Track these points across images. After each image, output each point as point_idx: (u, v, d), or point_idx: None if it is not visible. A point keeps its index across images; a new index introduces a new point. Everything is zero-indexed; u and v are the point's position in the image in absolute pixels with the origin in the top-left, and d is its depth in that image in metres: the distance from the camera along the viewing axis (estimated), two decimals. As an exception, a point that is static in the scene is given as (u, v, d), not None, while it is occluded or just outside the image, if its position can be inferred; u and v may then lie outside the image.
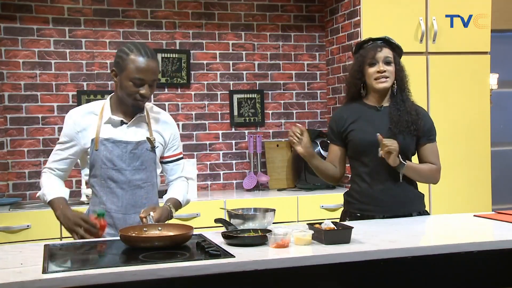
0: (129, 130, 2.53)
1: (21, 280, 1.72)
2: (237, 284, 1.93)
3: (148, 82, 2.42)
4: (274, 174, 4.56)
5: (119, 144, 2.50)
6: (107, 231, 2.48)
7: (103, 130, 2.50)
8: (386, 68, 2.68)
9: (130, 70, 2.40)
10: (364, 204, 2.73)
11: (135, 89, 2.42)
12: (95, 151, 2.48)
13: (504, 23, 5.08)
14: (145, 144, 2.53)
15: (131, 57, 2.41)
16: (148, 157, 2.54)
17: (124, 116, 2.53)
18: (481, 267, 2.20)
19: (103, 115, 2.52)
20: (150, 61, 2.42)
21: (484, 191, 4.29)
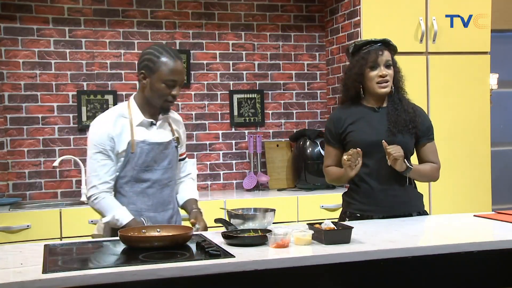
0: (158, 131, 2.59)
1: (21, 280, 1.72)
2: (237, 284, 1.93)
3: (180, 83, 2.51)
4: (274, 174, 4.56)
5: (154, 145, 2.55)
6: None
7: (137, 132, 2.54)
8: (387, 72, 2.68)
9: (163, 72, 2.46)
10: (364, 204, 2.72)
11: (168, 91, 2.48)
12: (131, 154, 2.51)
13: (504, 23, 5.08)
14: (172, 143, 2.62)
15: (163, 60, 2.47)
16: (173, 156, 2.63)
17: (152, 117, 2.58)
18: (481, 267, 2.20)
19: (133, 117, 2.55)
20: (180, 62, 2.51)
21: (484, 191, 4.28)
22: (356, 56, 2.74)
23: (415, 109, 2.74)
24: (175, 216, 2.67)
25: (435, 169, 2.76)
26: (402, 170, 2.61)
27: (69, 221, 3.64)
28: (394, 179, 2.68)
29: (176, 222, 2.66)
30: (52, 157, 4.17)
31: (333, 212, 4.08)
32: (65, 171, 4.20)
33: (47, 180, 4.17)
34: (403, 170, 2.62)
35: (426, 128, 2.75)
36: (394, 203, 2.69)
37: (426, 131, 2.74)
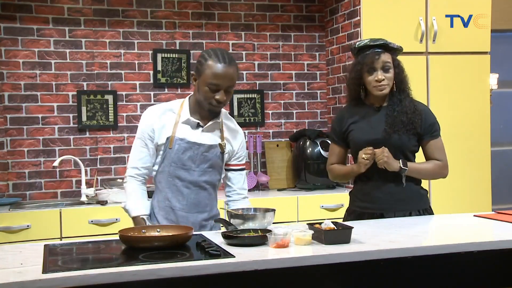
0: (204, 134, 2.57)
1: (21, 280, 1.72)
2: (237, 284, 1.93)
3: (224, 88, 2.45)
4: (274, 174, 4.56)
5: (193, 145, 2.54)
6: None
7: (180, 129, 2.54)
8: (385, 76, 2.70)
9: (207, 75, 2.45)
10: (362, 201, 2.79)
11: (211, 94, 2.46)
12: (169, 149, 2.52)
13: (504, 23, 5.08)
14: (216, 148, 2.58)
15: (209, 63, 2.46)
16: (216, 162, 2.59)
17: (201, 119, 2.57)
18: (481, 267, 2.20)
19: (181, 114, 2.56)
20: (227, 67, 2.45)
21: (484, 191, 4.28)
22: (356, 59, 2.79)
23: (416, 109, 2.74)
24: (211, 220, 2.63)
25: (440, 166, 2.78)
26: (396, 171, 2.65)
27: (69, 221, 3.63)
28: (392, 177, 2.71)
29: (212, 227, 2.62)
30: (52, 157, 4.17)
31: (333, 212, 4.08)
32: (65, 171, 4.20)
33: (47, 180, 4.17)
34: (397, 170, 2.65)
35: (429, 125, 2.75)
36: (391, 201, 2.73)
37: (429, 129, 2.75)
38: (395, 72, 2.74)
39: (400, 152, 2.69)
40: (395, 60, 2.76)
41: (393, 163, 2.64)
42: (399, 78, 2.76)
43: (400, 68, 2.77)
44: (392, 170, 2.65)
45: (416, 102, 2.80)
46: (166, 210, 2.56)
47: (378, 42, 2.73)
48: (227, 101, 2.52)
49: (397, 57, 2.79)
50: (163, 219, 2.56)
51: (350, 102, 2.87)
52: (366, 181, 2.77)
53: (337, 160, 2.88)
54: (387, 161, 2.62)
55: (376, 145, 2.67)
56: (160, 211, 2.57)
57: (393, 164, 2.64)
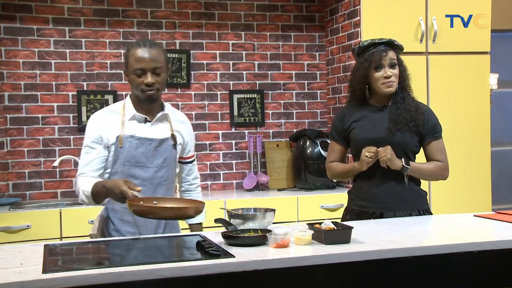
0: (153, 128, 2.55)
1: (21, 280, 1.72)
2: (237, 284, 1.93)
3: (149, 70, 2.44)
4: (274, 174, 4.56)
5: (144, 141, 2.51)
6: (127, 229, 2.50)
7: (127, 127, 2.51)
8: (392, 72, 2.72)
9: (131, 63, 2.46)
10: (362, 200, 2.80)
11: (139, 80, 2.45)
12: (120, 148, 2.49)
13: (504, 23, 5.08)
14: (168, 141, 2.56)
15: (131, 52, 2.47)
16: (170, 155, 2.57)
17: (147, 114, 2.55)
18: (481, 267, 2.20)
19: (126, 112, 2.53)
20: (148, 49, 2.45)
21: (484, 191, 4.28)
22: (361, 58, 2.79)
23: (418, 108, 2.76)
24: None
25: (440, 168, 2.78)
26: (399, 169, 2.65)
27: (69, 221, 3.64)
28: (392, 176, 2.72)
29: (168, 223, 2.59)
30: (52, 157, 4.17)
31: (333, 212, 4.08)
32: (65, 171, 4.20)
33: (47, 180, 4.17)
34: (400, 169, 2.65)
35: (431, 126, 2.76)
36: (391, 200, 2.73)
37: (430, 130, 2.76)
38: (399, 70, 2.75)
39: (402, 151, 2.70)
40: (399, 58, 2.78)
41: (396, 161, 2.64)
42: (403, 76, 2.77)
43: (404, 67, 2.79)
44: (395, 168, 2.65)
45: (418, 102, 2.81)
46: (121, 212, 2.50)
47: (384, 40, 2.75)
48: (160, 85, 2.49)
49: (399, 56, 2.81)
50: (120, 222, 2.51)
51: (352, 102, 2.86)
52: (367, 180, 2.77)
53: (337, 158, 2.88)
54: (390, 159, 2.62)
55: (379, 144, 2.68)
56: (115, 214, 2.52)
57: (396, 162, 2.64)
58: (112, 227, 2.52)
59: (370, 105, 2.80)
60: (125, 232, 2.49)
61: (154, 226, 2.53)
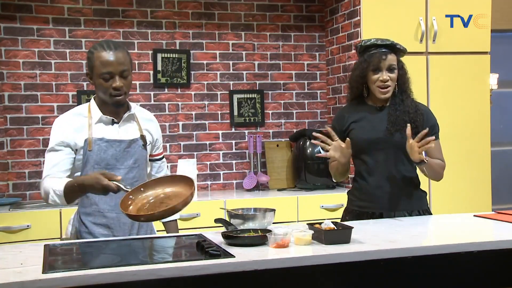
0: (120, 129, 2.52)
1: (21, 280, 1.72)
2: (237, 284, 1.93)
3: (117, 73, 2.40)
4: (274, 174, 4.56)
5: (113, 143, 2.48)
6: (100, 231, 2.47)
7: (95, 130, 2.48)
8: (389, 76, 2.72)
9: (97, 67, 2.40)
10: (362, 200, 2.80)
11: (107, 84, 2.40)
12: (89, 151, 2.45)
13: (504, 23, 5.08)
14: (138, 141, 2.53)
15: (96, 55, 2.41)
16: (140, 155, 2.54)
17: (114, 116, 2.51)
18: (481, 267, 2.20)
19: (92, 115, 2.50)
20: (114, 53, 2.40)
21: (484, 191, 4.28)
22: (361, 57, 2.79)
23: (418, 109, 2.76)
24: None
25: (442, 167, 2.79)
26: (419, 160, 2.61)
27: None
28: (392, 177, 2.72)
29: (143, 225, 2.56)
30: (52, 157, 4.16)
31: (333, 212, 4.08)
32: (65, 171, 4.20)
33: (47, 180, 4.17)
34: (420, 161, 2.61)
35: (429, 126, 2.73)
36: (391, 200, 2.73)
37: (430, 129, 2.72)
38: (398, 74, 2.75)
39: (401, 152, 2.69)
40: (400, 62, 2.77)
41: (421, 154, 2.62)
42: (402, 80, 2.77)
43: (404, 70, 2.78)
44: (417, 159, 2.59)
45: (417, 103, 2.81)
46: (94, 215, 2.48)
47: (386, 43, 2.74)
48: (128, 87, 2.45)
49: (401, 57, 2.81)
50: (92, 225, 2.48)
51: (351, 101, 2.88)
52: (366, 180, 2.77)
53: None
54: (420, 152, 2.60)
55: (378, 144, 2.69)
56: (88, 217, 2.49)
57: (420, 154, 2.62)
58: (85, 230, 2.49)
59: (369, 106, 2.81)
60: (98, 235, 2.46)
61: (128, 228, 2.50)
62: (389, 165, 2.72)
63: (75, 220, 2.56)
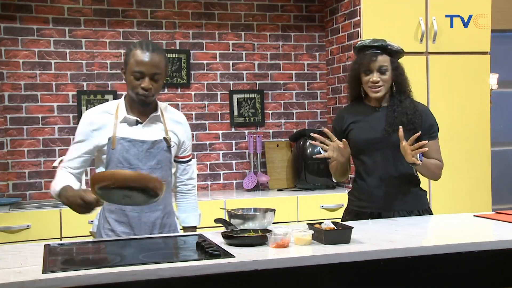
0: (144, 129, 2.53)
1: (21, 280, 1.72)
2: (237, 284, 1.93)
3: (148, 75, 2.42)
4: (274, 174, 4.56)
5: (136, 143, 2.49)
6: (122, 229, 2.49)
7: (120, 129, 2.50)
8: (380, 78, 2.71)
9: (131, 64, 2.43)
10: (361, 200, 2.81)
11: (136, 83, 2.42)
12: (112, 150, 2.47)
13: (504, 23, 5.08)
14: (161, 143, 2.53)
15: (133, 52, 2.44)
16: (164, 157, 2.54)
17: (139, 116, 2.53)
18: (481, 267, 2.20)
19: (119, 114, 2.52)
20: (151, 54, 2.42)
21: (484, 191, 4.28)
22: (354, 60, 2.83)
23: (416, 110, 2.75)
24: (165, 217, 2.58)
25: (439, 167, 2.77)
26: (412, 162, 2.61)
27: (69, 221, 3.63)
28: (391, 177, 2.73)
29: (166, 225, 2.58)
30: (52, 157, 4.17)
31: (333, 212, 4.08)
32: (65, 171, 4.20)
33: (47, 180, 4.17)
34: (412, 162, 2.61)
35: (428, 126, 2.76)
36: (390, 200, 2.74)
37: (428, 129, 2.76)
38: (393, 74, 2.74)
39: (399, 152, 2.69)
40: (394, 62, 2.75)
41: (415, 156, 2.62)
42: (398, 80, 2.76)
43: (399, 70, 2.76)
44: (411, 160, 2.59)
45: (416, 103, 2.80)
46: (117, 213, 2.50)
47: (377, 43, 2.74)
48: (156, 91, 2.47)
49: (398, 59, 2.79)
50: (115, 222, 2.50)
51: (351, 102, 2.90)
52: (366, 181, 2.78)
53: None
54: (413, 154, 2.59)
55: (376, 144, 2.70)
56: (111, 214, 2.52)
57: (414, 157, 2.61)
58: (108, 227, 2.51)
59: (367, 106, 2.81)
60: (120, 233, 2.49)
61: (149, 227, 2.52)
62: (388, 165, 2.73)
63: (101, 216, 2.58)
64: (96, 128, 2.50)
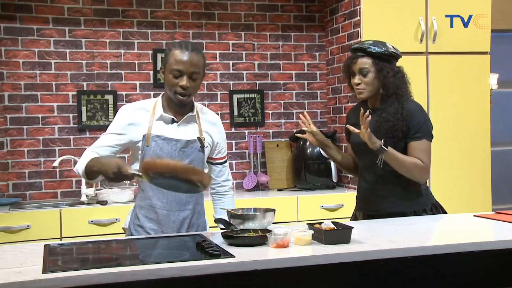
0: (179, 129, 2.55)
1: (21, 280, 1.72)
2: (237, 284, 1.93)
3: (187, 73, 2.45)
4: (274, 174, 4.56)
5: (170, 141, 2.51)
6: (151, 226, 2.51)
7: (155, 126, 2.53)
8: (362, 80, 2.71)
9: (170, 63, 2.46)
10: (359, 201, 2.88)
11: (175, 81, 2.45)
12: (146, 147, 2.50)
13: (504, 23, 5.08)
14: (195, 143, 2.55)
15: (172, 51, 2.48)
16: (197, 156, 2.56)
17: (175, 115, 2.55)
18: (481, 267, 2.20)
19: (155, 112, 2.54)
20: (190, 53, 2.46)
21: (484, 191, 4.28)
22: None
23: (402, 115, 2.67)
24: (194, 217, 2.59)
25: (418, 166, 2.66)
26: (375, 147, 2.60)
27: (69, 221, 3.64)
28: (385, 180, 2.72)
29: (194, 225, 2.59)
30: (52, 157, 4.17)
31: (333, 212, 4.09)
32: (65, 171, 4.20)
33: (47, 180, 4.17)
34: (376, 149, 2.60)
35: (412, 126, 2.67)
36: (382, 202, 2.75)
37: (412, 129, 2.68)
38: (378, 77, 2.69)
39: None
40: (377, 64, 2.69)
41: (375, 139, 2.60)
42: (383, 83, 2.70)
43: (384, 73, 2.69)
44: (372, 146, 2.59)
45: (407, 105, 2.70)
46: (147, 209, 2.54)
47: (356, 46, 2.74)
48: (193, 91, 2.49)
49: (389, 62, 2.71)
50: (144, 218, 2.53)
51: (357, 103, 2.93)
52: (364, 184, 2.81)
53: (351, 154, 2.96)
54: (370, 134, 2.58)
55: (366, 147, 2.64)
56: (141, 210, 2.55)
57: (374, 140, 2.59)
58: (137, 222, 2.55)
59: (366, 107, 2.77)
60: (148, 229, 2.52)
61: (177, 226, 2.54)
62: (378, 168, 2.69)
63: (132, 212, 2.61)
64: (132, 123, 2.52)
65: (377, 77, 2.70)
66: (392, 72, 2.71)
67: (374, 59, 2.70)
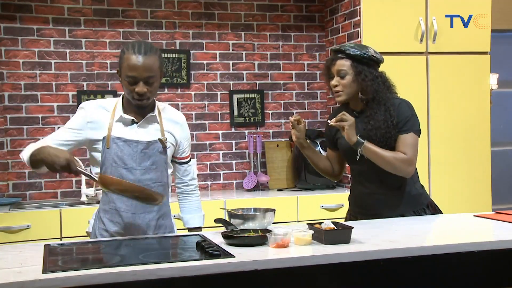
0: (140, 130, 2.50)
1: (21, 280, 1.72)
2: (237, 284, 1.93)
3: (141, 79, 2.36)
4: (274, 174, 4.56)
5: (130, 143, 2.46)
6: (116, 230, 2.48)
7: (115, 128, 2.47)
8: (340, 82, 2.67)
9: (124, 68, 2.39)
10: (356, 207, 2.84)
11: (131, 87, 2.38)
12: (107, 149, 2.45)
13: (504, 23, 5.08)
14: (156, 144, 2.49)
15: (125, 55, 2.39)
16: (159, 158, 2.50)
17: (136, 116, 2.50)
18: (481, 267, 2.20)
19: (115, 113, 2.49)
20: (143, 57, 2.36)
21: (484, 191, 4.29)
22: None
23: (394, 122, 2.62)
24: (160, 219, 2.55)
25: (401, 159, 2.58)
26: (352, 141, 2.57)
27: (69, 221, 3.64)
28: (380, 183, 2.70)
29: (161, 226, 2.55)
30: (52, 157, 4.16)
31: (333, 212, 4.09)
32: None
33: (47, 180, 4.17)
34: (353, 143, 2.57)
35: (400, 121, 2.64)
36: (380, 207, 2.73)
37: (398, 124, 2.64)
38: (356, 80, 2.65)
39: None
40: (356, 67, 2.65)
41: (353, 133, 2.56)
42: (361, 86, 2.66)
43: (362, 76, 2.64)
44: (348, 140, 2.56)
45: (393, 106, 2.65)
46: (111, 213, 2.48)
47: (337, 48, 2.72)
48: (151, 94, 2.42)
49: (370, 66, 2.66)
50: (109, 222, 2.49)
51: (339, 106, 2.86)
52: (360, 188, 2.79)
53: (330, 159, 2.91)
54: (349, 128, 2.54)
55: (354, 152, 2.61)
56: (106, 214, 2.50)
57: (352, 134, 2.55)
58: (102, 227, 2.50)
59: (350, 110, 2.73)
60: (114, 233, 2.47)
61: (143, 229, 2.49)
62: (370, 173, 2.68)
63: (96, 216, 2.57)
64: (90, 121, 2.47)
65: (355, 80, 2.65)
66: (371, 76, 2.65)
67: (352, 62, 2.65)
